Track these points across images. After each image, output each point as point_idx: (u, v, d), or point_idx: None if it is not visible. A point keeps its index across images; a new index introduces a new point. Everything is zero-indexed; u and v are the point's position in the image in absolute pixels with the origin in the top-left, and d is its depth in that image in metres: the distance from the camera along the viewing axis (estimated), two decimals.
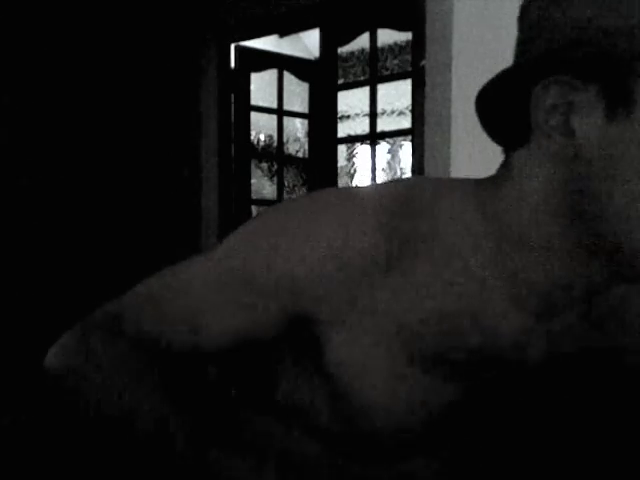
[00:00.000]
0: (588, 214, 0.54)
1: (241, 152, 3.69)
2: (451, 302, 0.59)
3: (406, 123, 4.68)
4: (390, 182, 0.67)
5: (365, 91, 3.66)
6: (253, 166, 4.40)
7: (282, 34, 4.58)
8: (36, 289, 2.83)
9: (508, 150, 0.62)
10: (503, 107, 0.61)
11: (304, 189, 4.92)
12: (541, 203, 0.57)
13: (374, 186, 0.65)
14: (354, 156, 6.03)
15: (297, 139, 5.18)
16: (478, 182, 0.63)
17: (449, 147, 1.68)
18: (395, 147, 5.92)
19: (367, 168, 4.64)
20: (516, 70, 0.59)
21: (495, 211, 0.59)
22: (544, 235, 0.57)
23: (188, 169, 3.39)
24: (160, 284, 0.67)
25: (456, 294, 0.59)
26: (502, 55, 1.58)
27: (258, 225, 0.65)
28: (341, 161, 5.54)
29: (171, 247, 3.19)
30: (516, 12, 0.67)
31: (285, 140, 4.17)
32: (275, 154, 4.46)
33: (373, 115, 3.55)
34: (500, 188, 0.60)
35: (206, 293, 0.63)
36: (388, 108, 5.45)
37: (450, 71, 1.64)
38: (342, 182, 5.79)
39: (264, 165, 5.33)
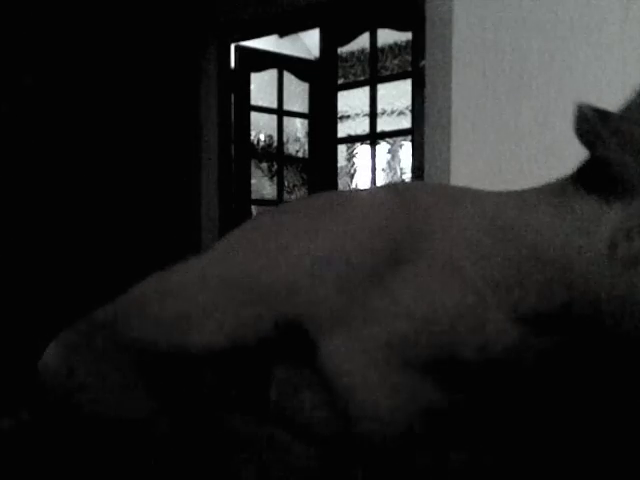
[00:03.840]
0: None
1: (241, 152, 3.70)
2: (444, 312, 0.59)
3: (406, 123, 4.68)
4: (391, 186, 0.66)
5: (365, 91, 3.66)
6: (253, 166, 4.40)
7: (282, 34, 4.57)
8: (36, 290, 2.83)
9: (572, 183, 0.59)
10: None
11: (304, 189, 4.93)
12: (605, 250, 0.55)
13: (375, 190, 0.65)
14: (354, 156, 6.02)
15: (297, 139, 5.18)
16: (498, 196, 0.62)
17: (449, 147, 1.68)
18: (395, 147, 5.92)
19: (367, 168, 4.64)
20: None
21: (520, 233, 0.58)
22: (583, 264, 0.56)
23: (188, 169, 3.39)
24: (154, 287, 0.67)
25: (449, 305, 0.59)
26: (502, 55, 1.59)
27: (255, 228, 0.65)
28: (341, 161, 5.54)
29: (171, 247, 3.19)
30: (516, 12, 0.67)
31: (285, 140, 4.17)
32: (275, 154, 4.46)
33: (373, 115, 3.56)
34: (551, 223, 0.58)
35: (199, 295, 0.63)
36: (388, 108, 5.45)
37: (450, 71, 1.64)
38: (342, 182, 5.79)
39: (264, 165, 5.33)
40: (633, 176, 0.54)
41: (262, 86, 4.11)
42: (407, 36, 3.77)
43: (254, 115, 3.76)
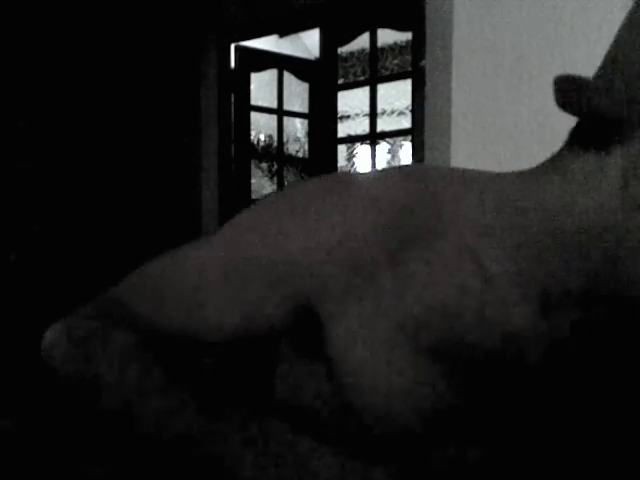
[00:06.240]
0: None
1: (241, 152, 3.70)
2: (456, 296, 0.58)
3: (406, 123, 4.68)
4: (404, 167, 0.65)
5: (365, 91, 3.66)
6: (253, 166, 4.40)
7: (282, 34, 4.58)
8: (37, 288, 2.83)
9: (574, 145, 0.57)
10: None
11: None
12: (620, 214, 0.53)
13: (383, 172, 0.64)
14: (354, 156, 6.03)
15: (297, 139, 5.18)
16: (505, 177, 0.62)
17: (449, 147, 1.68)
18: (395, 147, 5.93)
19: (367, 168, 4.64)
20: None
21: (533, 212, 0.57)
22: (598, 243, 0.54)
23: (188, 169, 3.39)
24: (159, 270, 0.66)
25: (461, 288, 0.58)
26: (502, 55, 1.59)
27: (260, 211, 0.64)
28: (341, 161, 5.54)
29: (171, 247, 3.19)
30: (516, 12, 0.66)
31: (285, 140, 4.17)
32: (275, 154, 4.46)
33: (373, 115, 3.56)
34: (556, 189, 0.57)
35: (206, 280, 0.62)
36: (388, 108, 5.46)
37: (450, 71, 1.64)
38: None
39: (264, 165, 5.33)
40: (626, 114, 0.52)
41: (262, 86, 4.11)
42: (407, 36, 3.77)
43: (254, 115, 3.76)
